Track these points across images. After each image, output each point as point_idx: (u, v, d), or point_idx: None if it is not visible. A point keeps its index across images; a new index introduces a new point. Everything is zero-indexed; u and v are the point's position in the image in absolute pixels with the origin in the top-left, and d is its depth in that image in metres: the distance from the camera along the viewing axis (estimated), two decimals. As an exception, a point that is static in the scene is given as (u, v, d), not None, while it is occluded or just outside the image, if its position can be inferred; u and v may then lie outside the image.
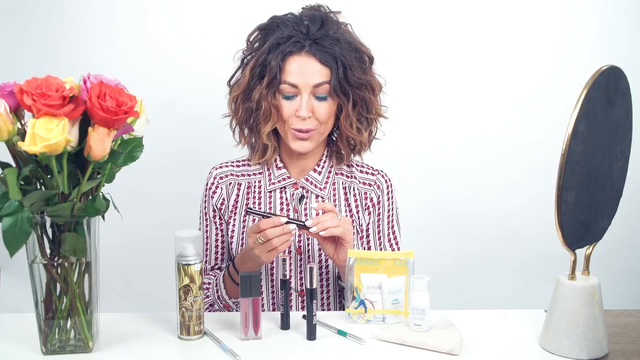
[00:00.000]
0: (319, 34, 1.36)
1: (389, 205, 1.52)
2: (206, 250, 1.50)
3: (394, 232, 1.53)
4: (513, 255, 2.21)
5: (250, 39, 1.42)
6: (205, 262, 1.50)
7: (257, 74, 1.38)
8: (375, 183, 1.51)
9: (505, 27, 2.11)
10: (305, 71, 1.35)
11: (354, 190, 1.50)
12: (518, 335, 1.21)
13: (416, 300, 1.18)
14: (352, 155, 1.49)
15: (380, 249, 1.50)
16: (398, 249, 1.52)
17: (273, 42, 1.36)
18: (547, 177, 1.29)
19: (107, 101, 1.01)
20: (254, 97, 1.38)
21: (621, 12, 2.10)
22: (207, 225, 1.50)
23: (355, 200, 1.49)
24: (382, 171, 1.53)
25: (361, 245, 1.50)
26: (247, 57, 1.42)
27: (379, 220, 1.51)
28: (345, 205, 1.48)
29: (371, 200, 1.50)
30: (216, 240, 1.49)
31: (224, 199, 1.48)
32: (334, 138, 1.50)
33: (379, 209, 1.51)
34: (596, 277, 1.14)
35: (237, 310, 1.44)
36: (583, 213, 1.12)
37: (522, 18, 2.10)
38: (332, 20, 1.40)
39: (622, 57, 1.96)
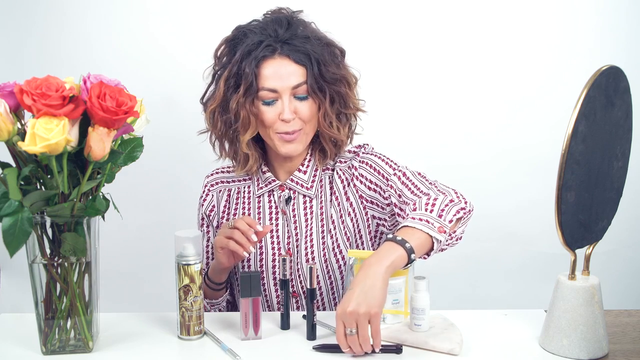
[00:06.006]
0: (287, 34, 1.35)
1: (386, 164, 1.42)
2: (206, 247, 1.51)
3: (415, 184, 1.36)
4: (513, 255, 2.21)
5: (218, 54, 1.41)
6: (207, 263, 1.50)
7: (232, 85, 1.36)
8: (353, 166, 1.43)
9: (505, 27, 2.11)
10: (281, 74, 1.33)
11: (337, 173, 1.45)
12: (518, 335, 1.21)
13: (416, 301, 1.18)
14: (335, 150, 1.45)
15: (415, 206, 1.29)
16: (436, 187, 1.34)
17: (244, 50, 1.34)
18: (547, 177, 1.29)
19: (107, 101, 1.01)
20: (232, 108, 1.36)
21: (621, 12, 2.10)
22: (202, 224, 1.52)
23: (342, 182, 1.44)
24: (364, 144, 1.47)
25: (389, 228, 1.43)
26: (219, 71, 1.40)
27: (391, 188, 1.38)
28: (330, 204, 1.44)
29: (354, 166, 1.43)
30: (207, 247, 1.50)
31: (213, 206, 1.50)
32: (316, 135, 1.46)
33: (379, 184, 1.40)
34: (596, 277, 1.14)
35: (210, 310, 1.44)
36: (583, 213, 1.12)
37: (522, 18, 2.10)
38: (297, 20, 1.39)
39: (622, 57, 1.96)
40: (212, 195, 1.50)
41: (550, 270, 1.34)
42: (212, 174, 1.53)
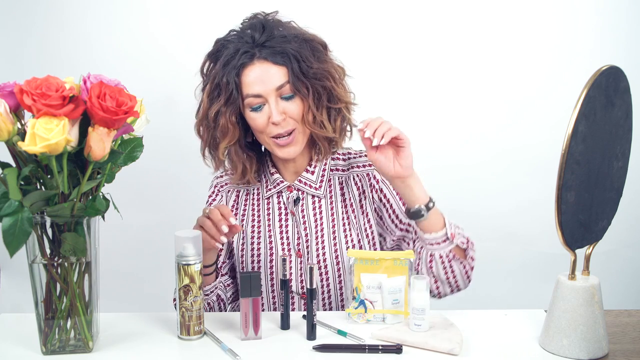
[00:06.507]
0: (263, 37, 1.34)
1: None
2: None
3: None
4: (513, 255, 2.21)
5: (204, 70, 1.41)
6: None
7: (216, 96, 1.37)
8: (373, 177, 1.45)
9: (505, 27, 2.11)
10: (263, 78, 1.33)
11: (351, 180, 1.45)
12: (518, 335, 1.21)
13: (416, 300, 1.18)
14: (331, 147, 1.44)
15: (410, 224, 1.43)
16: None
17: (223, 61, 1.35)
18: (547, 177, 1.29)
19: (107, 101, 1.01)
20: (211, 116, 1.37)
21: (621, 12, 2.11)
22: None
23: (358, 188, 1.44)
24: None
25: (387, 239, 1.45)
26: (205, 86, 1.40)
27: (396, 194, 1.44)
28: (341, 204, 1.46)
29: (374, 177, 1.44)
30: None
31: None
32: None
33: (398, 214, 1.44)
34: (596, 277, 1.14)
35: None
36: (583, 213, 1.12)
37: (522, 18, 2.11)
38: (273, 22, 1.38)
39: (622, 57, 1.96)
40: (222, 196, 1.51)
41: (550, 270, 1.34)
42: (221, 176, 1.53)
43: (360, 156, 1.49)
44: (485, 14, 2.10)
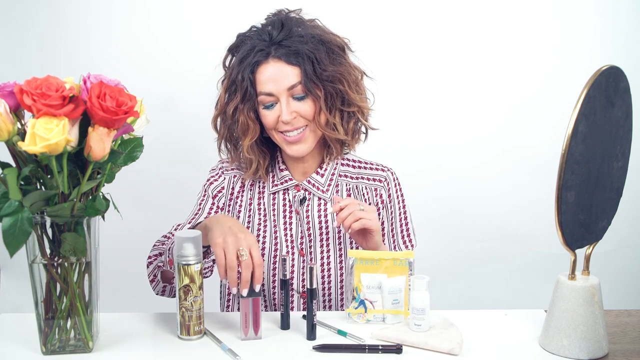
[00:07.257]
0: (281, 36, 1.35)
1: (398, 203, 1.51)
2: (195, 214, 1.47)
3: (407, 230, 1.51)
4: (513, 255, 2.21)
5: (226, 63, 1.43)
6: (190, 221, 1.45)
7: (232, 92, 1.39)
8: (386, 180, 1.49)
9: (505, 27, 2.11)
10: (276, 77, 1.34)
11: (361, 190, 1.48)
12: (518, 335, 1.21)
13: (416, 300, 1.18)
14: (343, 149, 1.46)
15: (395, 249, 1.49)
16: (412, 247, 1.51)
17: (239, 58, 1.37)
18: (548, 177, 1.29)
19: (107, 101, 1.01)
20: (229, 114, 1.38)
21: (621, 12, 2.11)
22: (204, 196, 1.49)
23: (366, 200, 1.48)
24: (390, 168, 1.52)
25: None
26: (223, 80, 1.43)
27: (391, 219, 1.50)
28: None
29: (381, 197, 1.48)
30: (197, 210, 1.47)
31: (222, 187, 1.49)
32: None
33: (390, 207, 1.50)
34: (596, 277, 1.14)
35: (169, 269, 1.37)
36: (583, 213, 1.12)
37: (522, 19, 2.11)
38: (293, 20, 1.38)
39: (622, 57, 1.97)
40: (225, 178, 1.49)
41: (550, 270, 1.34)
42: (228, 162, 1.51)
43: (370, 169, 1.51)
44: (485, 15, 2.11)
